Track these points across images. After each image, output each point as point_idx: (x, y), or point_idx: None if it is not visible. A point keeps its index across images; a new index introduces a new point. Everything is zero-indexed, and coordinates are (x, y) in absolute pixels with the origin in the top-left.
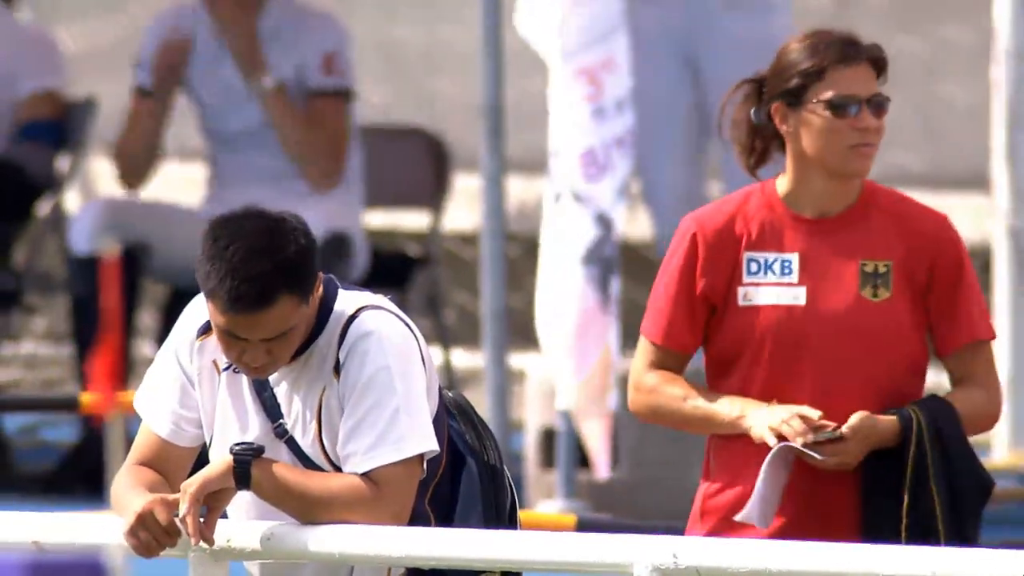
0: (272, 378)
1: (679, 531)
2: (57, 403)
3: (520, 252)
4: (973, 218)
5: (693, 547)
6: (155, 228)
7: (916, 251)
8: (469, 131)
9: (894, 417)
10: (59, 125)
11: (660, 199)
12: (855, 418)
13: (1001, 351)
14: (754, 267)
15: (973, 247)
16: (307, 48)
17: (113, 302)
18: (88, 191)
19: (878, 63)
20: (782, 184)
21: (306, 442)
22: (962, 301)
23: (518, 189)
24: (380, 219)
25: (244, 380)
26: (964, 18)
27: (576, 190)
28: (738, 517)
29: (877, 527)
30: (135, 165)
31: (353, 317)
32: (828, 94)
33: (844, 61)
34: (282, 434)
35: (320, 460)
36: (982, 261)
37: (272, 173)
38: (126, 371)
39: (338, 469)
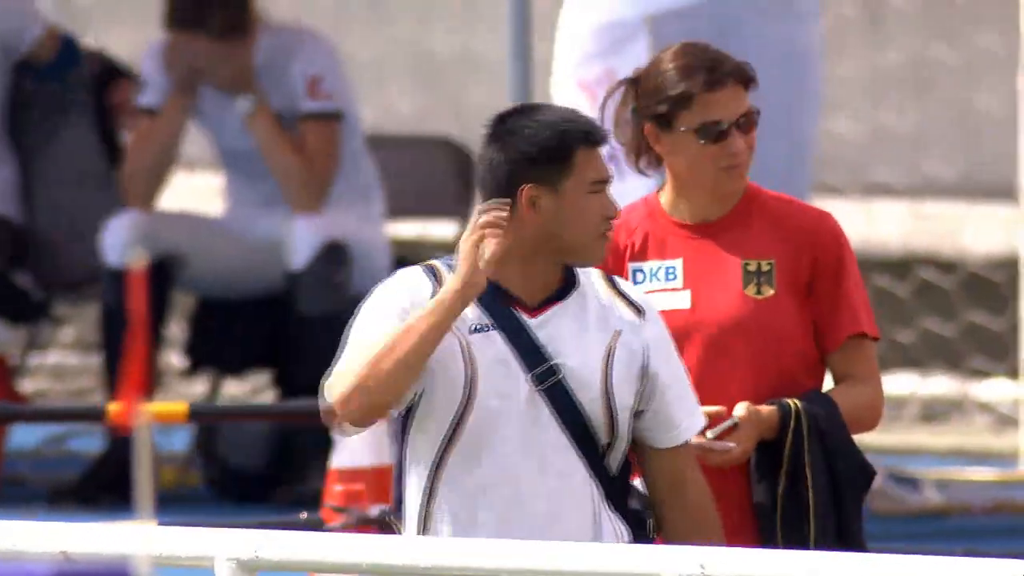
0: (532, 323)
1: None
2: (83, 413)
3: None
4: (1002, 227)
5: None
6: (185, 239)
7: (796, 249)
8: None
9: (775, 407)
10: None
11: None
12: (741, 407)
13: None
14: (640, 277)
15: (1003, 257)
16: (295, 73)
17: (141, 313)
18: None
19: (744, 78)
20: (664, 194)
21: (584, 388)
22: (843, 297)
23: None
24: (407, 229)
25: (497, 336)
26: (997, 26)
27: None
28: None
29: (761, 515)
30: (143, 185)
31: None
32: (696, 121)
33: (709, 87)
34: (547, 377)
35: (599, 412)
36: (1011, 272)
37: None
38: (153, 382)
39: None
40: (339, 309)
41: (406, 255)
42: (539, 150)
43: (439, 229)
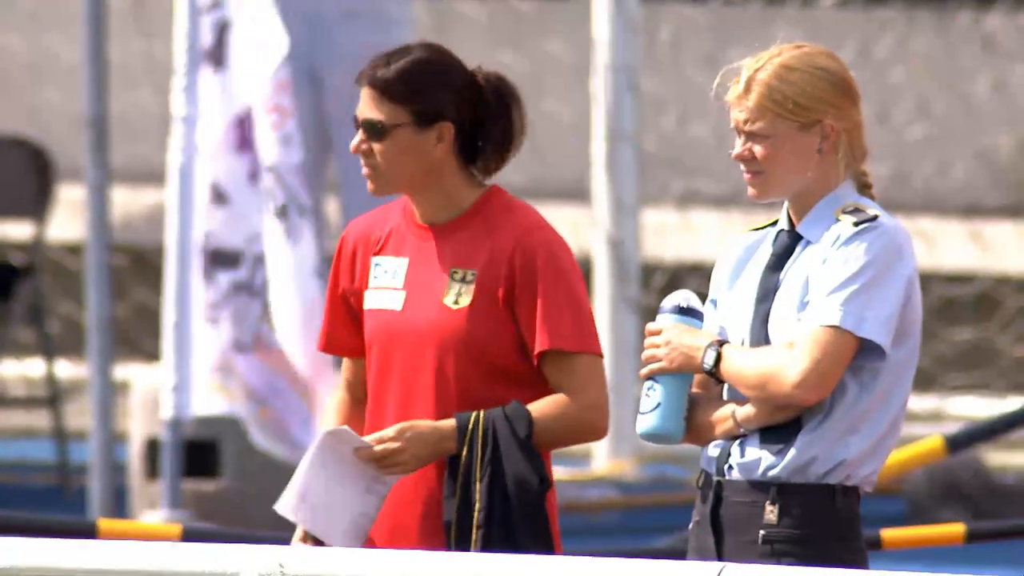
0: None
1: (286, 541)
2: None
3: (125, 263)
4: (573, 229)
5: (299, 557)
6: None
7: (496, 260)
8: (74, 141)
9: (452, 419)
10: None
11: None
12: (394, 427)
13: None
14: (379, 272)
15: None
16: None
17: None
18: None
19: (384, 88)
20: None
21: None
22: (544, 310)
23: (123, 200)
24: None
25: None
26: (564, 34)
27: (301, 203)
28: (275, 506)
29: (447, 529)
30: None
31: None
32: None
33: (360, 80)
34: None
35: None
36: (582, 272)
37: None
38: None
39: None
40: None
41: None
42: None
43: (15, 230)
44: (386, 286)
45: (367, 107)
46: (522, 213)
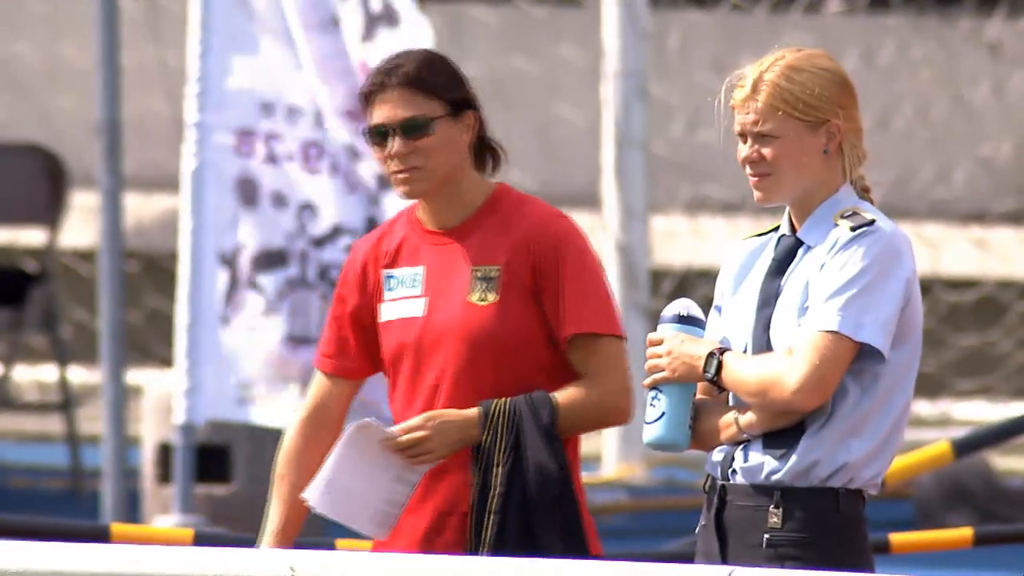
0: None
1: (296, 544)
2: None
3: (138, 269)
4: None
5: (311, 560)
6: None
7: (519, 253)
8: (87, 148)
9: (478, 407)
10: None
11: None
12: (419, 416)
13: None
14: (392, 284)
15: None
16: None
17: None
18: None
19: (418, 84)
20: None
21: None
22: (568, 296)
23: (135, 206)
24: None
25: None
26: (576, 39)
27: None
28: (302, 494)
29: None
30: None
31: None
32: (368, 124)
33: (377, 90)
34: None
35: None
36: None
37: None
38: None
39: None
40: None
41: None
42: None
43: (28, 236)
44: (404, 296)
45: (399, 109)
46: (536, 205)
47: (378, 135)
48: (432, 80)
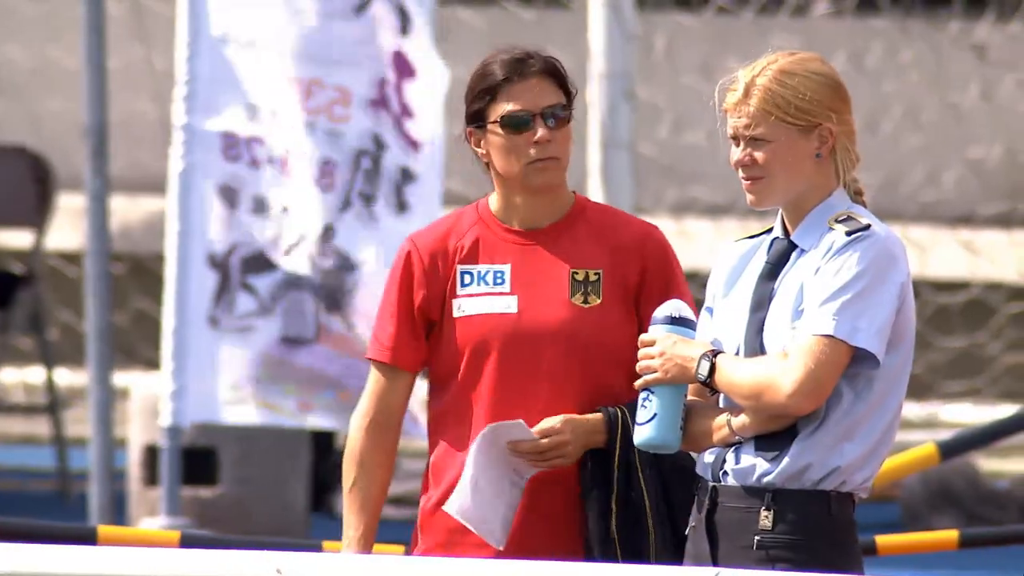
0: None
1: (284, 546)
2: None
3: (124, 271)
4: None
5: (297, 562)
6: None
7: (624, 258)
8: (74, 150)
9: (600, 414)
10: None
11: None
12: (557, 419)
13: None
14: (467, 279)
15: None
16: None
17: None
18: None
19: (554, 75)
20: (493, 200)
21: None
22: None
23: (122, 208)
24: None
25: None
26: (564, 42)
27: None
28: (445, 506)
29: (595, 522)
30: None
31: None
32: (500, 112)
33: (513, 78)
34: None
35: None
36: None
37: None
38: None
39: None
40: None
41: None
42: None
43: (14, 238)
44: (488, 292)
45: (546, 96)
46: (624, 214)
47: (520, 123)
48: (562, 72)
